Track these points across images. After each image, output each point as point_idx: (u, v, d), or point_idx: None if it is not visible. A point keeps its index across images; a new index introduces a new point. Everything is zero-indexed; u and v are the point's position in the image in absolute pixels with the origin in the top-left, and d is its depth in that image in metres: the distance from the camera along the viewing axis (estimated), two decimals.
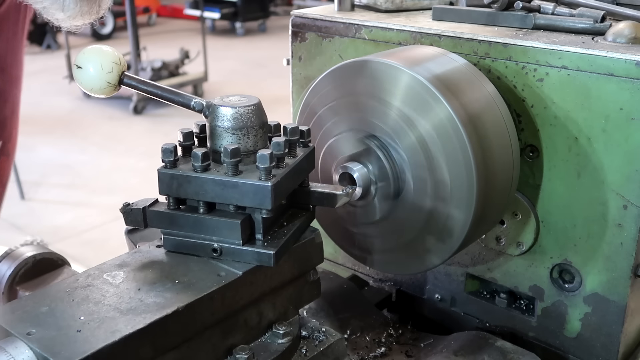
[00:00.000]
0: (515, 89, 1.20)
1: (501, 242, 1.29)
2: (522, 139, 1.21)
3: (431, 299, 1.45)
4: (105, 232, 4.99)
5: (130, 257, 0.98)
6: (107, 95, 1.03)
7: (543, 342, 1.31)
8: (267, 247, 0.95)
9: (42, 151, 6.48)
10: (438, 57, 1.20)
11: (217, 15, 12.42)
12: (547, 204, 1.23)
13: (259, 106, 0.99)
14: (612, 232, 1.16)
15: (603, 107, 1.11)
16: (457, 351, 1.23)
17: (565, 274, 1.25)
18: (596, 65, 1.10)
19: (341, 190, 1.05)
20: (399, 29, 1.33)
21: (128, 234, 1.29)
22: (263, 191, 0.92)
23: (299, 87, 1.53)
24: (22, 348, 0.78)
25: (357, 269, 1.56)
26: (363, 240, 1.24)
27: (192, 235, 0.97)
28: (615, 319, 1.20)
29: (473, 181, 1.07)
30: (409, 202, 1.14)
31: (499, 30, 1.26)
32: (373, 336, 1.34)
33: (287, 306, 1.05)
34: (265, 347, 0.99)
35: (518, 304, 1.34)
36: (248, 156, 0.98)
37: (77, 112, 7.99)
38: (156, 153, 1.01)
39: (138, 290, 0.89)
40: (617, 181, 1.13)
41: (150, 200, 1.01)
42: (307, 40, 1.48)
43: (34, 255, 1.34)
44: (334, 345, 1.06)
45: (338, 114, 1.21)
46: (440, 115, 1.08)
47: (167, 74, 8.28)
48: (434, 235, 1.14)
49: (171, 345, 0.87)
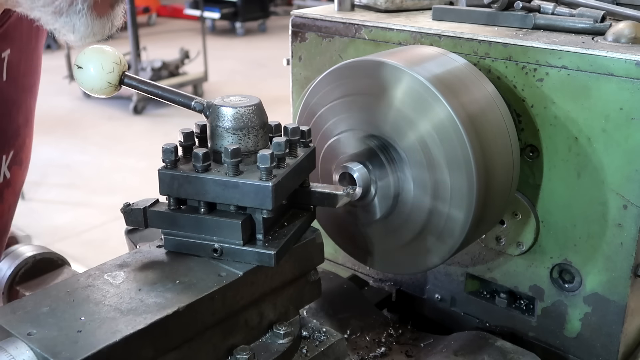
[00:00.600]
0: (515, 89, 1.20)
1: (501, 242, 1.29)
2: (522, 139, 1.21)
3: (431, 299, 1.45)
4: (105, 232, 4.99)
5: (131, 258, 0.98)
6: (107, 96, 1.03)
7: (543, 342, 1.31)
8: (267, 248, 0.95)
9: (42, 151, 6.47)
10: (438, 57, 1.20)
11: (217, 15, 12.42)
12: (547, 204, 1.23)
13: (259, 106, 0.99)
14: (612, 232, 1.16)
15: (603, 107, 1.11)
16: (457, 351, 1.23)
17: (565, 274, 1.25)
18: (596, 65, 1.11)
19: (342, 190, 1.05)
20: (399, 29, 1.33)
21: (128, 234, 1.29)
22: (264, 191, 0.92)
23: (299, 87, 1.53)
24: (23, 348, 0.78)
25: (357, 269, 1.56)
26: (363, 240, 1.24)
27: (192, 235, 0.97)
28: (615, 319, 1.20)
29: (473, 181, 1.07)
30: (409, 202, 1.14)
31: (499, 30, 1.26)
32: (373, 336, 1.34)
33: (288, 306, 1.05)
34: (265, 348, 0.99)
35: (518, 304, 1.35)
36: (249, 156, 0.98)
37: (77, 112, 8.00)
38: (156, 153, 1.01)
39: (139, 291, 0.89)
40: (617, 181, 1.13)
41: (151, 201, 1.00)
42: (307, 40, 1.48)
43: (34, 255, 1.35)
44: (335, 346, 1.07)
45: (338, 114, 1.21)
46: (440, 115, 1.08)
47: (167, 74, 8.28)
48: (434, 235, 1.14)
49: (172, 345, 0.87)
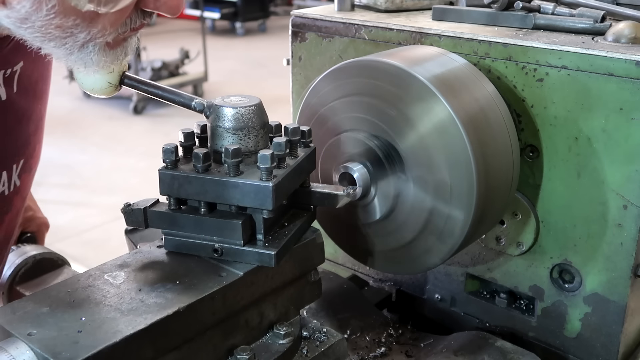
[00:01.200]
0: (515, 89, 1.20)
1: (501, 242, 1.29)
2: (522, 139, 1.21)
3: (431, 299, 1.45)
4: (105, 232, 4.99)
5: (131, 258, 0.98)
6: (107, 96, 1.03)
7: (543, 342, 1.31)
8: (268, 248, 0.95)
9: (42, 151, 6.46)
10: (438, 57, 1.20)
11: (217, 15, 12.42)
12: (547, 204, 1.23)
13: (260, 106, 0.99)
14: (612, 232, 1.16)
15: (603, 107, 1.11)
16: (457, 351, 1.23)
17: (565, 274, 1.25)
18: (596, 65, 1.11)
19: (342, 190, 1.05)
20: (399, 29, 1.33)
21: (128, 234, 1.29)
22: (264, 191, 0.92)
23: (299, 87, 1.53)
24: (23, 348, 0.78)
25: (357, 269, 1.56)
26: (363, 240, 1.24)
27: (193, 235, 0.97)
28: (615, 319, 1.20)
29: (473, 181, 1.07)
30: (409, 202, 1.14)
31: (499, 30, 1.26)
32: (373, 336, 1.34)
33: (288, 306, 1.05)
34: (266, 348, 0.99)
35: (518, 304, 1.35)
36: (249, 156, 0.98)
37: (77, 112, 7.99)
38: (156, 153, 1.01)
39: (139, 291, 0.89)
40: (617, 181, 1.13)
41: (151, 201, 1.01)
42: (307, 40, 1.48)
43: (34, 255, 1.35)
44: (335, 346, 1.07)
45: (338, 114, 1.21)
46: (440, 116, 1.08)
47: (167, 74, 8.27)
48: (434, 235, 1.14)
49: (172, 345, 0.87)
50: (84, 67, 0.94)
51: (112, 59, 0.96)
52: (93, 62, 0.93)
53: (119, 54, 0.97)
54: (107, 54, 0.95)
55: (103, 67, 0.96)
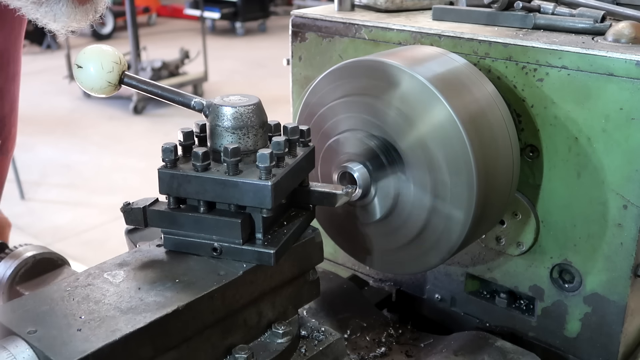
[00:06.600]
0: (515, 89, 1.20)
1: (501, 242, 1.29)
2: (522, 139, 1.21)
3: (431, 299, 1.45)
4: (105, 232, 4.99)
5: (131, 257, 0.98)
6: (107, 95, 1.03)
7: (543, 342, 1.31)
8: (267, 247, 0.95)
9: (42, 151, 6.48)
10: (438, 57, 1.20)
11: (217, 15, 12.43)
12: (547, 204, 1.23)
13: (259, 106, 0.99)
14: (612, 232, 1.16)
15: (603, 107, 1.11)
16: (457, 351, 1.23)
17: (565, 274, 1.25)
18: (596, 65, 1.11)
19: (341, 189, 1.05)
20: (399, 29, 1.33)
21: (128, 234, 1.29)
22: (263, 190, 0.92)
23: (299, 87, 1.53)
24: (23, 347, 0.78)
25: (357, 269, 1.56)
26: (363, 240, 1.24)
27: (192, 234, 0.97)
28: (615, 319, 1.20)
29: (473, 181, 1.07)
30: (409, 202, 1.14)
31: (499, 30, 1.26)
32: (373, 336, 1.34)
33: (287, 306, 1.05)
34: (264, 347, 0.99)
35: (518, 304, 1.35)
36: (248, 155, 0.98)
37: (77, 112, 8.00)
38: (156, 153, 1.01)
39: (138, 290, 0.89)
40: (617, 181, 1.13)
41: (151, 200, 1.01)
42: (307, 40, 1.48)
43: (34, 255, 1.35)
44: (334, 345, 1.06)
45: (338, 114, 1.21)
46: (440, 115, 1.08)
47: (167, 73, 8.28)
48: (434, 235, 1.14)
49: (171, 344, 0.87)
50: (54, 20, 0.95)
51: (82, 15, 0.97)
52: (62, 13, 0.94)
53: (88, 10, 0.98)
54: (76, 10, 0.95)
55: (73, 20, 0.97)
